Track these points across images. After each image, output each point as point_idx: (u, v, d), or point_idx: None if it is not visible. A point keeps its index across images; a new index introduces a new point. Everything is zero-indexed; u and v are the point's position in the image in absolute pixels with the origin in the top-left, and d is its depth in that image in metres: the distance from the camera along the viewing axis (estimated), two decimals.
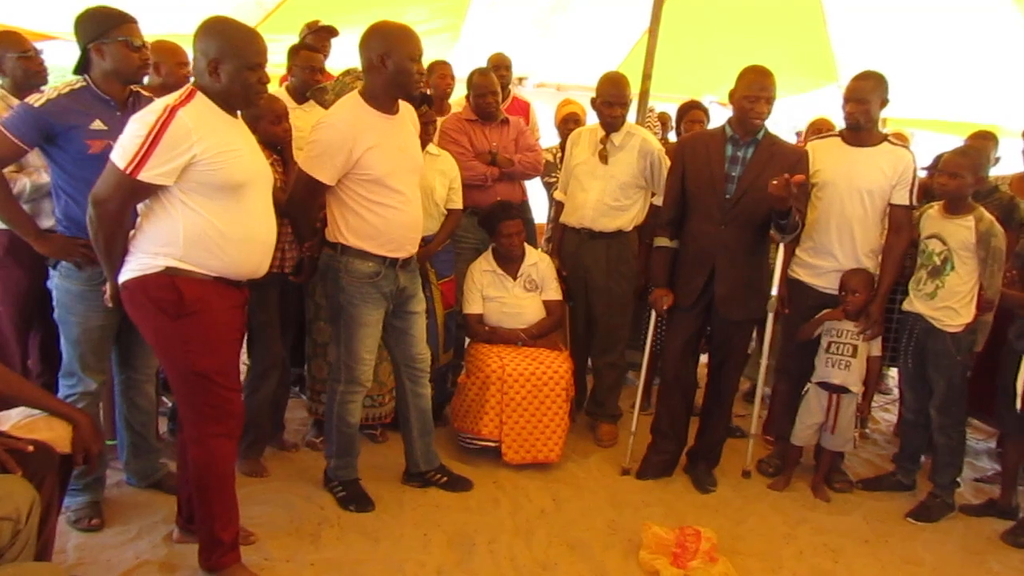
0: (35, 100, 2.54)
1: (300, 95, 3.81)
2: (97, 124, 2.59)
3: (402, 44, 2.81)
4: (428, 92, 3.88)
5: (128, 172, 2.22)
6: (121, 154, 2.24)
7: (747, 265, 3.38)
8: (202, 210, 2.32)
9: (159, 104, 2.28)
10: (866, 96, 3.34)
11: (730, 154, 3.34)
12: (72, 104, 2.57)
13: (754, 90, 3.22)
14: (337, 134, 2.81)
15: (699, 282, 3.40)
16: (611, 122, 3.80)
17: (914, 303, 3.45)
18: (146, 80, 3.17)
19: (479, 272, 3.88)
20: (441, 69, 4.80)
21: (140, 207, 2.38)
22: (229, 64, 2.31)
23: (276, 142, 3.20)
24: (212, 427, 2.45)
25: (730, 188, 3.32)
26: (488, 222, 3.90)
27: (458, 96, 4.89)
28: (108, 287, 2.49)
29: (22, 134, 2.51)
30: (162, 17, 4.52)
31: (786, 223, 3.22)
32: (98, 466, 2.88)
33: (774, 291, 3.45)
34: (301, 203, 2.96)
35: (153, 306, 2.35)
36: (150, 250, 2.34)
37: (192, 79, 2.43)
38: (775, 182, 3.02)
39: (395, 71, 2.81)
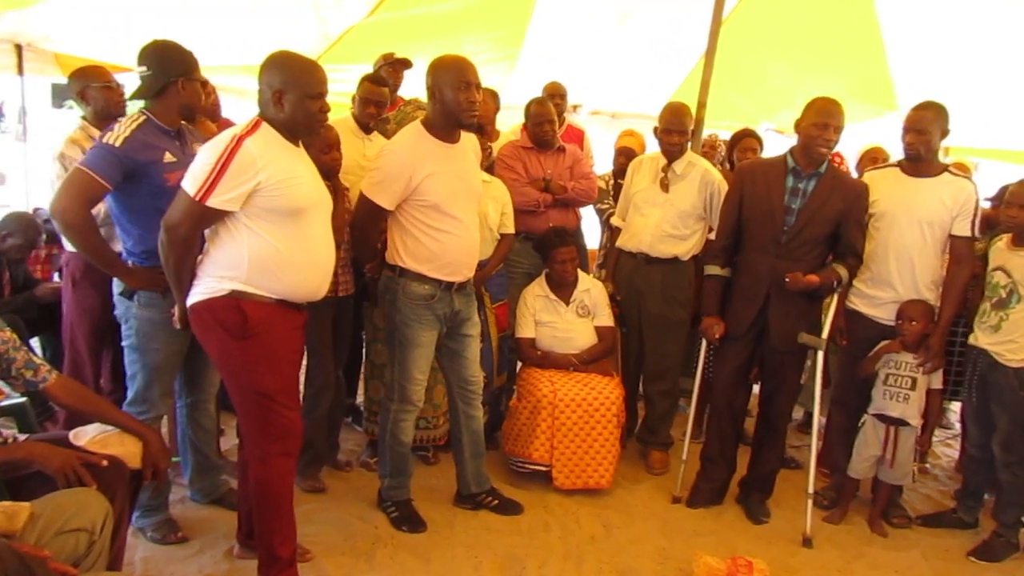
0: (112, 139, 2.58)
1: (361, 125, 3.83)
2: (168, 157, 2.68)
3: (447, 75, 2.90)
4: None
5: (198, 198, 2.33)
6: (192, 181, 2.35)
7: (801, 297, 3.34)
8: (266, 235, 2.42)
9: (227, 134, 2.39)
10: (927, 127, 3.30)
11: (791, 185, 3.32)
12: (145, 138, 2.64)
13: (823, 117, 3.21)
14: (398, 161, 2.92)
15: (752, 312, 3.39)
16: (671, 150, 3.84)
17: (978, 337, 3.38)
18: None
19: (532, 297, 3.92)
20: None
21: (207, 233, 2.48)
22: (292, 94, 2.42)
23: (325, 170, 3.26)
24: (274, 445, 2.53)
25: (789, 220, 3.30)
26: (542, 248, 3.95)
27: (514, 124, 4.96)
28: (176, 310, 2.59)
29: (107, 175, 2.56)
30: (230, 50, 4.73)
31: (818, 294, 3.34)
32: (165, 481, 2.98)
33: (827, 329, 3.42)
34: (362, 226, 3.08)
35: (219, 327, 2.45)
36: (216, 274, 2.44)
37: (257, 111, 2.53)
38: (787, 280, 3.23)
39: (443, 100, 2.91)
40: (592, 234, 4.89)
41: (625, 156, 4.65)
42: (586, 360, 3.86)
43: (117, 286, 2.80)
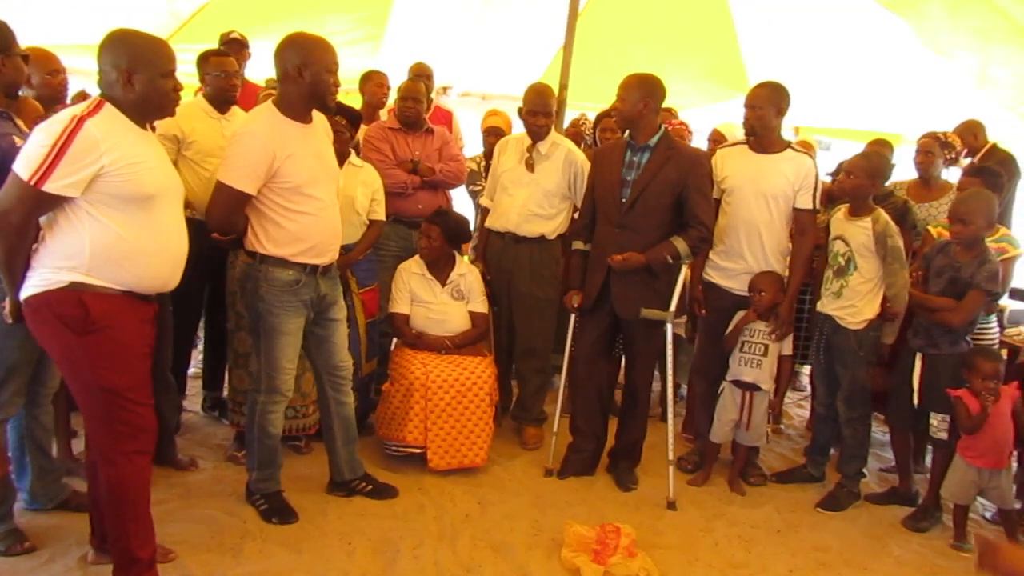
0: None
1: (219, 103, 3.67)
2: (17, 140, 2.50)
3: (319, 56, 2.84)
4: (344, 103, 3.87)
5: (33, 183, 2.17)
6: (25, 164, 2.19)
7: (642, 267, 3.42)
8: (110, 222, 2.29)
9: (66, 114, 2.24)
10: (761, 103, 3.51)
11: (628, 159, 3.48)
12: None
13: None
14: (258, 143, 2.81)
15: (598, 282, 3.52)
16: (536, 131, 3.90)
17: (823, 303, 3.62)
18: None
19: (408, 273, 3.90)
20: (377, 79, 4.84)
21: (43, 220, 2.32)
22: (143, 73, 2.31)
23: None
24: (125, 444, 2.41)
25: (625, 192, 3.45)
26: None
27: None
28: (8, 303, 2.41)
29: None
30: (71, 27, 4.43)
31: (656, 269, 3.43)
32: (8, 489, 2.78)
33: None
34: (227, 217, 2.88)
35: (58, 322, 2.30)
36: (53, 264, 2.29)
37: (98, 91, 2.39)
38: (609, 262, 3.40)
39: (312, 82, 2.84)
40: (467, 217, 4.89)
41: (495, 136, 4.67)
42: (459, 344, 3.88)
43: None
